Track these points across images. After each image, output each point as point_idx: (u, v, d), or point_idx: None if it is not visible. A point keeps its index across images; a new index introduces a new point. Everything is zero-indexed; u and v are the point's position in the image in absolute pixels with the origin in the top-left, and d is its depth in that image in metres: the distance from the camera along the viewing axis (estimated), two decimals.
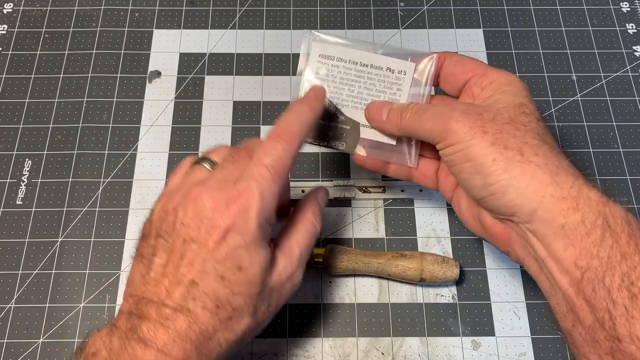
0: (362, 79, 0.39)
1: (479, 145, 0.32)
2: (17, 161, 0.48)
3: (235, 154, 0.34)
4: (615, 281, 0.28)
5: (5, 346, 0.41)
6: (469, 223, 0.37)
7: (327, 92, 0.39)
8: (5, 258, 0.44)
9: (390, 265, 0.41)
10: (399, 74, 0.39)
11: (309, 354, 0.41)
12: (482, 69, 0.36)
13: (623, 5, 0.56)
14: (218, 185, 0.31)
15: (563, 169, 0.31)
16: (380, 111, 0.37)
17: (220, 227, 0.30)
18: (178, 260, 0.30)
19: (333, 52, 0.39)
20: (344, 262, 0.42)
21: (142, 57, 0.53)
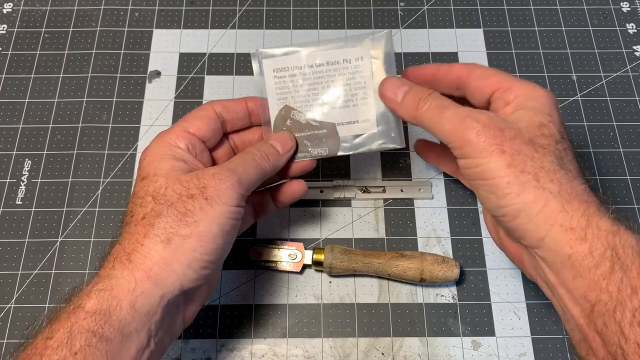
0: (323, 79, 0.38)
1: (495, 165, 0.31)
2: (17, 161, 0.48)
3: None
4: (626, 316, 0.27)
5: (6, 346, 0.41)
6: (489, 230, 0.38)
7: (293, 103, 0.38)
8: (5, 258, 0.44)
9: (391, 265, 0.41)
10: (357, 61, 0.38)
11: (309, 354, 0.41)
12: (507, 83, 0.34)
13: (623, 5, 0.56)
14: None
15: (576, 197, 0.30)
16: (396, 90, 0.36)
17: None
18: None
19: (285, 63, 0.38)
20: (344, 262, 0.42)
21: (142, 57, 0.52)
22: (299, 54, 0.38)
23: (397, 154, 0.48)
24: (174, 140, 0.35)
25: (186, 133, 0.36)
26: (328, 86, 0.38)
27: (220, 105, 0.38)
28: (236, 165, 0.35)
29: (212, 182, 0.33)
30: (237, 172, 0.34)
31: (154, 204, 0.32)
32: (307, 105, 0.38)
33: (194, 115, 0.37)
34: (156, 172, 0.33)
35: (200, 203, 0.32)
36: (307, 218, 0.46)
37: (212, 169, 0.34)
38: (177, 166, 0.34)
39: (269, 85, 0.38)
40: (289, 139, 0.38)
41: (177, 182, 0.33)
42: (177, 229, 0.31)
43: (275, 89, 0.38)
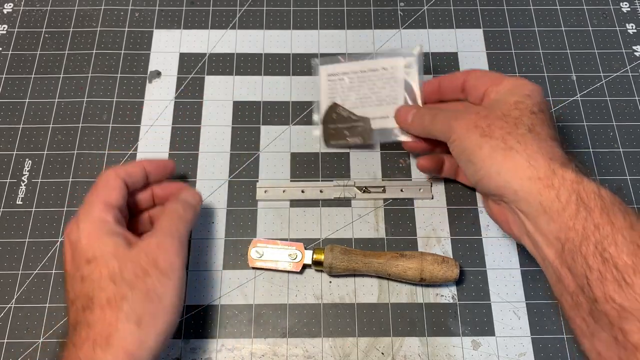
0: (365, 83, 0.47)
1: (470, 138, 0.37)
2: (17, 161, 0.48)
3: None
4: (590, 249, 0.31)
5: (5, 346, 0.41)
6: (484, 204, 0.43)
7: (340, 100, 0.47)
8: (5, 258, 0.44)
9: (390, 265, 0.41)
10: (392, 69, 0.46)
11: (309, 354, 0.41)
12: (499, 79, 0.40)
13: (623, 5, 0.56)
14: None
15: (541, 154, 0.34)
16: (406, 115, 0.44)
17: (65, 254, 0.36)
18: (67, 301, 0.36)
19: (337, 69, 0.47)
20: (344, 262, 0.42)
21: (142, 57, 0.53)
22: (348, 63, 0.47)
23: (397, 154, 0.48)
24: (101, 216, 0.36)
25: (108, 206, 0.37)
26: (369, 88, 0.47)
27: (123, 172, 0.39)
28: (170, 228, 0.37)
29: (160, 253, 0.35)
30: (174, 236, 0.37)
31: (115, 286, 0.33)
32: (350, 102, 0.47)
33: (106, 186, 0.38)
34: (103, 254, 0.34)
35: (158, 278, 0.34)
36: (307, 218, 0.46)
37: (153, 239, 0.36)
38: (118, 243, 0.35)
39: (322, 86, 0.47)
40: (196, 192, 0.43)
41: (129, 261, 0.34)
42: (145, 308, 0.33)
43: (327, 89, 0.47)
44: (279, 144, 0.49)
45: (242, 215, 0.46)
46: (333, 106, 0.47)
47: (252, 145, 0.49)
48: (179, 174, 0.47)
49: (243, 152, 0.48)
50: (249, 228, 0.46)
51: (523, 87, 0.38)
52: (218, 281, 0.43)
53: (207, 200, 0.46)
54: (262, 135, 0.49)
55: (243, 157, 0.48)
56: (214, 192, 0.47)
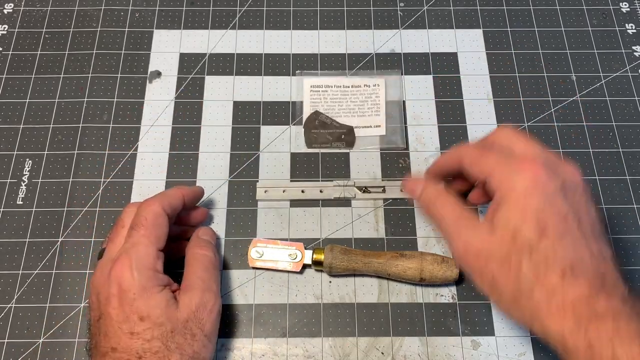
0: (347, 96, 0.51)
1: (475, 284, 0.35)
2: (18, 161, 0.48)
3: (113, 232, 0.39)
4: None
5: (6, 346, 0.41)
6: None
7: (322, 110, 0.50)
8: (5, 258, 0.44)
9: (390, 265, 0.41)
10: (374, 87, 0.51)
11: (309, 353, 0.41)
12: (489, 170, 0.34)
13: (623, 6, 0.56)
14: (100, 268, 0.37)
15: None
16: (414, 187, 0.40)
17: (110, 294, 0.35)
18: (99, 337, 0.35)
19: (320, 82, 0.51)
20: (344, 261, 0.42)
21: (142, 57, 0.53)
22: (330, 77, 0.52)
23: (397, 154, 0.48)
24: (153, 265, 0.36)
25: (159, 252, 0.37)
26: (351, 100, 0.50)
27: (168, 207, 0.39)
28: (209, 282, 0.38)
29: (206, 318, 0.36)
30: (216, 293, 0.37)
31: (167, 350, 0.34)
32: (333, 112, 0.50)
33: (156, 226, 0.37)
34: (156, 314, 0.34)
35: (203, 341, 0.35)
36: (307, 218, 0.46)
37: (197, 296, 0.36)
38: (169, 301, 0.35)
39: (305, 95, 0.51)
40: (212, 231, 0.43)
41: (181, 325, 0.35)
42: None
43: (310, 97, 0.51)
44: (279, 144, 0.49)
45: (242, 215, 0.46)
46: (315, 113, 0.50)
47: (252, 145, 0.49)
48: (179, 175, 0.48)
49: (243, 152, 0.49)
50: (249, 228, 0.46)
51: (515, 194, 0.32)
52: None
53: (207, 200, 0.46)
54: (262, 135, 0.49)
55: (243, 157, 0.48)
56: (214, 192, 0.47)
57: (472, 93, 0.51)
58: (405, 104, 0.51)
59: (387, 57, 0.53)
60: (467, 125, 0.50)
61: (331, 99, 0.51)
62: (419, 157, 0.48)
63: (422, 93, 0.51)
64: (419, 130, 0.50)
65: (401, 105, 0.51)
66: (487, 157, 0.35)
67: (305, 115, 0.50)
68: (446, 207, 0.36)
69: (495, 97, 0.51)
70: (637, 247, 0.45)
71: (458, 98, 0.51)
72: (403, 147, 0.49)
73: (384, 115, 0.50)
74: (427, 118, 0.50)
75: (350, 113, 0.50)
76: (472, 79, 0.52)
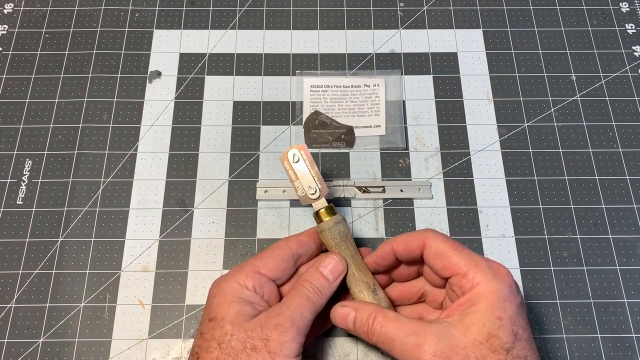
0: (347, 96, 0.51)
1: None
2: (18, 161, 0.48)
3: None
4: None
5: (6, 346, 0.41)
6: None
7: (322, 109, 0.50)
8: (5, 258, 0.44)
9: (364, 285, 0.38)
10: (374, 87, 0.51)
11: (309, 353, 0.41)
12: (462, 268, 0.34)
13: (623, 6, 0.56)
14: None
15: None
16: (344, 320, 0.36)
17: (210, 291, 0.37)
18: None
19: (320, 82, 0.51)
20: (336, 238, 0.39)
21: (142, 57, 0.53)
22: (330, 77, 0.51)
23: (397, 154, 0.49)
24: (243, 280, 0.36)
25: (257, 274, 0.37)
26: (350, 100, 0.50)
27: (295, 242, 0.39)
28: (294, 311, 0.35)
29: (274, 334, 0.33)
30: (295, 321, 0.34)
31: (219, 352, 0.33)
32: (333, 112, 0.50)
33: (268, 255, 0.38)
34: (224, 317, 0.34)
35: (264, 356, 0.33)
36: (307, 218, 0.46)
37: (274, 319, 0.34)
38: (243, 311, 0.35)
39: (305, 95, 0.51)
40: (339, 263, 0.38)
41: (242, 330, 0.34)
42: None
43: (310, 97, 0.50)
44: (279, 144, 0.49)
45: (242, 215, 0.46)
46: (315, 113, 0.50)
47: (252, 145, 0.49)
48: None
49: (243, 152, 0.49)
50: (249, 228, 0.46)
51: (494, 295, 0.33)
52: None
53: (207, 200, 0.47)
54: (262, 135, 0.49)
55: (243, 157, 0.48)
56: (214, 192, 0.47)
57: (472, 93, 0.51)
58: (405, 104, 0.51)
59: (387, 57, 0.53)
60: (467, 125, 0.50)
61: (331, 99, 0.51)
62: (418, 157, 0.48)
63: (422, 93, 0.51)
64: (419, 130, 0.50)
65: (401, 105, 0.51)
66: (460, 254, 0.35)
67: (305, 115, 0.50)
68: (390, 324, 0.34)
69: (495, 97, 0.51)
70: (637, 247, 0.45)
71: (458, 98, 0.51)
72: (403, 147, 0.49)
73: (384, 115, 0.50)
74: (427, 118, 0.50)
75: (350, 113, 0.50)
76: (472, 79, 0.52)
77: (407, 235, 0.37)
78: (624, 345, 0.42)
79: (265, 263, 0.37)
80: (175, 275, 0.44)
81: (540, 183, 0.47)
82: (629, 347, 0.42)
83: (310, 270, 0.38)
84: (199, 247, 0.45)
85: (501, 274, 0.34)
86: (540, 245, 0.45)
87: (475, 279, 0.34)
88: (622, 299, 0.43)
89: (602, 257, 0.45)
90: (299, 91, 0.51)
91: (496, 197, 0.47)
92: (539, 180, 0.48)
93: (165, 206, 0.46)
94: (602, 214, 0.46)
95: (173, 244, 0.45)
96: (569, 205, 0.47)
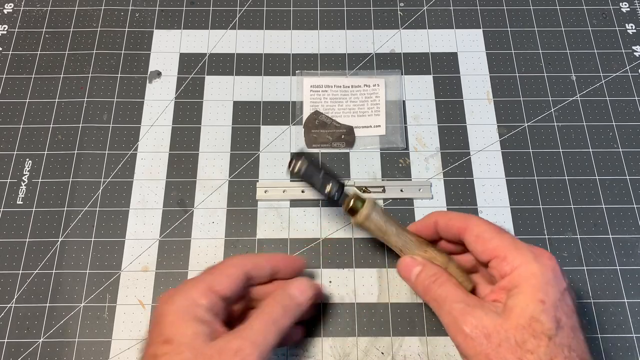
0: (347, 96, 0.51)
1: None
2: (18, 161, 0.48)
3: None
4: None
5: (6, 346, 0.41)
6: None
7: (322, 109, 0.50)
8: (5, 258, 0.44)
9: (420, 247, 0.39)
10: (374, 87, 0.51)
11: (309, 353, 0.41)
12: (502, 251, 0.34)
13: (623, 6, 0.56)
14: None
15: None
16: (410, 270, 0.38)
17: (153, 318, 0.35)
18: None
19: (320, 82, 0.51)
20: (382, 219, 0.39)
21: (142, 57, 0.53)
22: (330, 77, 0.51)
23: (397, 154, 0.49)
24: (198, 298, 0.34)
25: (211, 292, 0.35)
26: (351, 100, 0.50)
27: (250, 263, 0.37)
28: (257, 334, 0.34)
29: (229, 358, 0.32)
30: (258, 345, 0.33)
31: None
32: (333, 112, 0.50)
33: (222, 272, 0.36)
34: (181, 341, 0.33)
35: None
36: (307, 218, 0.46)
37: (235, 342, 0.33)
38: (199, 332, 0.33)
39: (305, 95, 0.51)
40: (308, 286, 0.38)
41: (201, 357, 0.32)
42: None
43: (309, 97, 0.50)
44: (279, 144, 0.49)
45: (242, 215, 0.46)
46: (315, 113, 0.50)
47: (252, 145, 0.49)
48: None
49: (243, 152, 0.49)
50: (249, 228, 0.46)
51: (537, 278, 0.32)
52: None
53: (207, 200, 0.47)
54: (262, 135, 0.49)
55: (243, 157, 0.48)
56: (214, 192, 0.47)
57: (472, 93, 0.51)
58: (405, 104, 0.51)
59: (387, 57, 0.53)
60: (467, 125, 0.50)
61: (331, 99, 0.51)
62: (418, 157, 0.48)
63: (422, 93, 0.51)
64: (419, 130, 0.50)
65: (401, 105, 0.51)
66: (501, 237, 0.35)
67: (305, 115, 0.50)
68: (448, 286, 0.35)
69: (495, 97, 0.51)
70: (637, 247, 0.45)
71: (458, 98, 0.51)
72: (403, 147, 0.49)
73: (384, 115, 0.50)
74: (427, 118, 0.50)
75: (350, 113, 0.50)
76: (472, 79, 0.52)
77: (453, 214, 0.38)
78: (624, 345, 0.42)
79: (220, 281, 0.35)
80: (175, 275, 0.44)
81: (540, 183, 0.47)
82: (629, 347, 0.42)
83: (279, 291, 0.37)
84: (199, 247, 0.45)
85: (543, 257, 0.33)
86: (540, 245, 0.45)
87: (515, 261, 0.33)
88: (622, 299, 0.43)
89: (602, 257, 0.45)
90: (299, 91, 0.51)
91: (496, 197, 0.47)
92: (539, 180, 0.48)
93: (165, 206, 0.46)
94: (602, 214, 0.46)
95: (173, 244, 0.45)
96: (569, 205, 0.47)
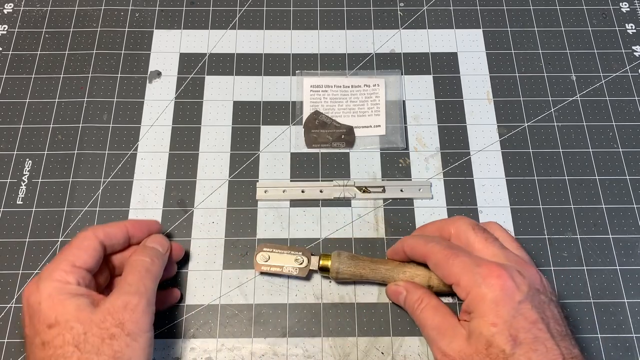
0: (347, 96, 0.51)
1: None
2: (18, 161, 0.48)
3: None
4: None
5: (6, 346, 0.41)
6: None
7: (322, 109, 0.50)
8: (5, 258, 0.44)
9: (398, 271, 0.41)
10: (374, 87, 0.51)
11: (309, 353, 0.41)
12: (456, 277, 0.35)
13: (622, 6, 0.56)
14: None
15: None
16: (396, 296, 0.41)
17: (23, 315, 0.35)
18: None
19: (320, 82, 0.51)
20: (351, 267, 0.41)
21: (142, 57, 0.53)
22: (330, 77, 0.51)
23: (397, 154, 0.49)
24: (63, 277, 0.35)
25: (73, 267, 0.35)
26: (351, 100, 0.50)
27: (102, 233, 0.38)
28: (136, 285, 0.36)
29: (126, 315, 0.34)
30: (142, 293, 0.35)
31: (80, 353, 0.32)
32: (333, 112, 0.50)
33: (77, 247, 0.37)
34: (65, 318, 0.33)
35: (125, 340, 0.33)
36: (307, 218, 0.46)
37: (120, 299, 0.34)
38: (81, 304, 0.34)
39: (305, 95, 0.50)
40: (163, 238, 0.41)
41: (93, 324, 0.33)
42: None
43: (309, 97, 0.50)
44: (279, 144, 0.49)
45: (242, 215, 0.46)
46: (315, 112, 0.50)
47: (252, 145, 0.49)
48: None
49: (243, 152, 0.49)
50: (249, 228, 0.46)
51: (484, 305, 0.33)
52: (218, 281, 0.43)
53: (207, 200, 0.47)
54: (262, 135, 0.49)
55: (243, 157, 0.48)
56: (214, 192, 0.47)
57: (472, 93, 0.51)
58: (405, 104, 0.51)
59: (387, 57, 0.53)
60: (467, 125, 0.50)
61: (331, 99, 0.51)
62: (418, 157, 0.48)
63: (422, 93, 0.51)
64: (419, 130, 0.50)
65: (401, 105, 0.51)
66: (453, 263, 0.35)
67: (305, 115, 0.50)
68: (426, 312, 0.38)
69: (495, 97, 0.51)
70: (637, 247, 0.45)
71: (458, 98, 0.51)
72: (403, 147, 0.49)
73: (384, 115, 0.50)
74: (427, 118, 0.50)
75: (350, 113, 0.50)
76: (472, 79, 0.52)
77: (415, 241, 0.39)
78: (624, 345, 0.42)
79: (79, 256, 0.36)
80: (175, 275, 0.44)
81: (540, 183, 0.47)
82: (629, 347, 0.42)
83: (138, 248, 0.39)
84: (199, 247, 0.45)
85: (491, 277, 0.33)
86: (540, 245, 0.45)
87: (467, 287, 0.34)
88: (622, 299, 0.43)
89: (602, 257, 0.45)
90: (298, 91, 0.51)
91: (496, 197, 0.47)
92: (539, 180, 0.48)
93: (165, 206, 0.46)
94: (602, 214, 0.46)
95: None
96: (569, 205, 0.47)
